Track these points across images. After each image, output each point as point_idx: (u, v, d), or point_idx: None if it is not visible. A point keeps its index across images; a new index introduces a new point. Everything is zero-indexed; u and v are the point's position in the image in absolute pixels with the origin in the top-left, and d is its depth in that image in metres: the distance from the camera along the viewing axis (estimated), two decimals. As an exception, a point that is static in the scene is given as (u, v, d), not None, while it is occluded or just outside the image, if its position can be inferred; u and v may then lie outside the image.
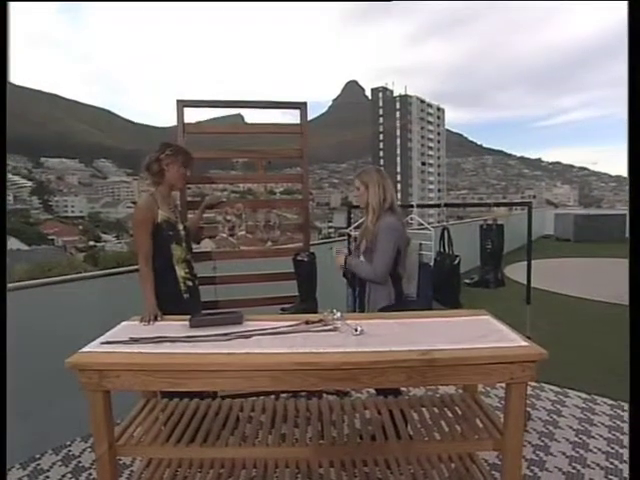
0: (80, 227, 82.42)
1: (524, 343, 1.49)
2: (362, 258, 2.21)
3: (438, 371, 1.41)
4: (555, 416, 2.66)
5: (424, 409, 1.90)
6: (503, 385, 1.59)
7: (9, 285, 2.11)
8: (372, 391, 2.51)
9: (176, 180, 2.18)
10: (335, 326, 1.68)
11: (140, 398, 1.93)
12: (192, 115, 2.59)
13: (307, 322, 1.71)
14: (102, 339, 1.64)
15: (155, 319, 1.89)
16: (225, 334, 1.61)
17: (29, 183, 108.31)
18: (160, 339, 1.58)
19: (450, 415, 1.83)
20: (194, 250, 2.41)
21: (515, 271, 6.18)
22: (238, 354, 1.44)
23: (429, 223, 3.08)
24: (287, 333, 1.64)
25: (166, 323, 1.86)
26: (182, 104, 2.56)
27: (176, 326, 1.77)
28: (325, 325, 1.68)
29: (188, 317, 1.79)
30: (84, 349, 1.54)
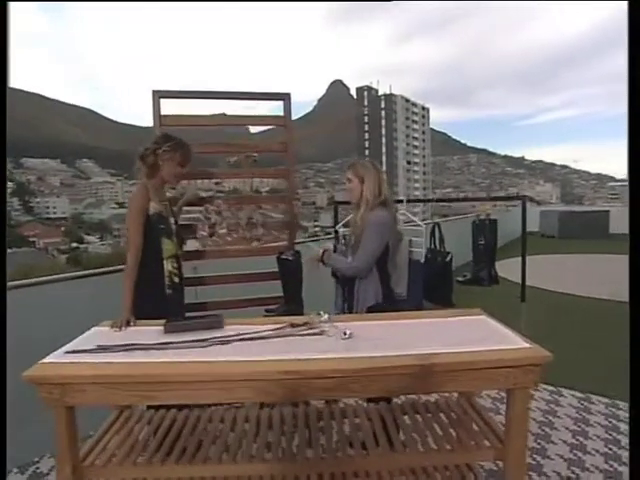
0: (62, 229, 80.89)
1: (527, 345, 1.39)
2: (350, 251, 2.09)
3: (437, 378, 1.30)
4: (551, 417, 2.58)
5: (418, 415, 1.79)
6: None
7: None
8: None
9: (170, 177, 2.07)
10: (322, 329, 1.55)
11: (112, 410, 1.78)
12: (172, 111, 2.43)
13: (292, 325, 1.59)
14: (68, 347, 1.49)
15: (128, 324, 1.74)
16: (202, 340, 1.48)
17: (9, 184, 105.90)
18: (131, 347, 1.44)
19: (446, 421, 1.72)
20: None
21: (503, 268, 6.13)
22: (216, 362, 1.31)
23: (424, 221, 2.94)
24: (270, 338, 1.51)
25: (140, 328, 1.71)
26: (158, 95, 2.41)
27: (150, 332, 1.63)
28: (311, 328, 1.56)
29: (163, 322, 1.65)
30: (46, 359, 1.39)
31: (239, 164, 2.56)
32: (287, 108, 2.54)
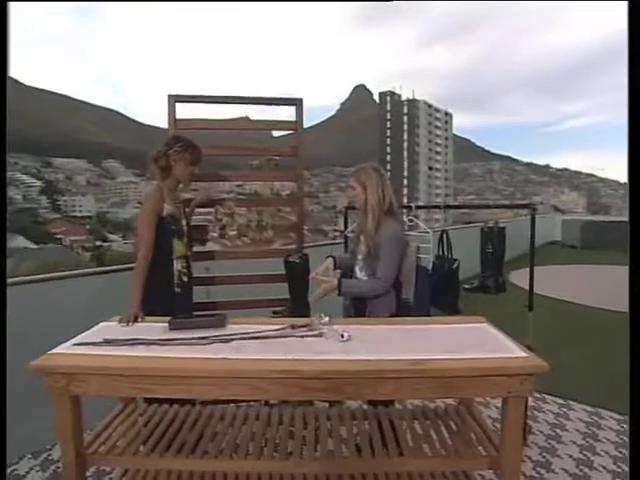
0: (87, 227, 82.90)
1: (523, 354, 1.38)
2: (360, 264, 2.09)
3: (429, 383, 1.31)
4: (558, 430, 2.53)
5: (416, 421, 1.80)
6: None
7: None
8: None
9: (183, 177, 2.15)
10: (321, 331, 1.57)
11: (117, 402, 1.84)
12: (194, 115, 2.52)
13: (292, 326, 1.61)
14: (75, 340, 1.56)
15: (135, 320, 1.80)
16: (203, 338, 1.52)
17: (38, 182, 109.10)
18: (134, 341, 1.49)
19: (443, 428, 1.72)
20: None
21: (520, 277, 6.03)
22: (214, 359, 1.35)
23: (434, 228, 2.92)
24: (269, 338, 1.54)
25: (146, 324, 1.77)
26: (173, 99, 2.48)
27: (155, 328, 1.68)
28: (311, 330, 1.59)
29: (169, 319, 1.70)
30: (54, 350, 1.46)
31: (261, 167, 2.62)
32: (299, 113, 2.58)
